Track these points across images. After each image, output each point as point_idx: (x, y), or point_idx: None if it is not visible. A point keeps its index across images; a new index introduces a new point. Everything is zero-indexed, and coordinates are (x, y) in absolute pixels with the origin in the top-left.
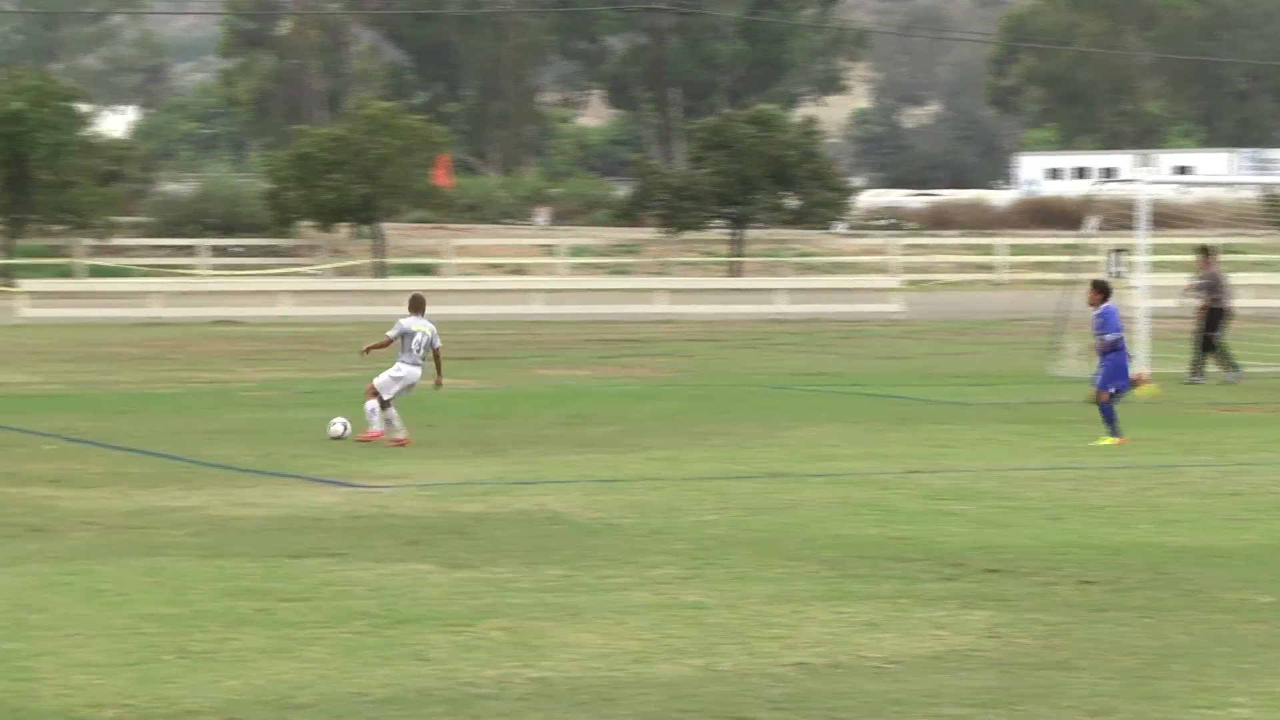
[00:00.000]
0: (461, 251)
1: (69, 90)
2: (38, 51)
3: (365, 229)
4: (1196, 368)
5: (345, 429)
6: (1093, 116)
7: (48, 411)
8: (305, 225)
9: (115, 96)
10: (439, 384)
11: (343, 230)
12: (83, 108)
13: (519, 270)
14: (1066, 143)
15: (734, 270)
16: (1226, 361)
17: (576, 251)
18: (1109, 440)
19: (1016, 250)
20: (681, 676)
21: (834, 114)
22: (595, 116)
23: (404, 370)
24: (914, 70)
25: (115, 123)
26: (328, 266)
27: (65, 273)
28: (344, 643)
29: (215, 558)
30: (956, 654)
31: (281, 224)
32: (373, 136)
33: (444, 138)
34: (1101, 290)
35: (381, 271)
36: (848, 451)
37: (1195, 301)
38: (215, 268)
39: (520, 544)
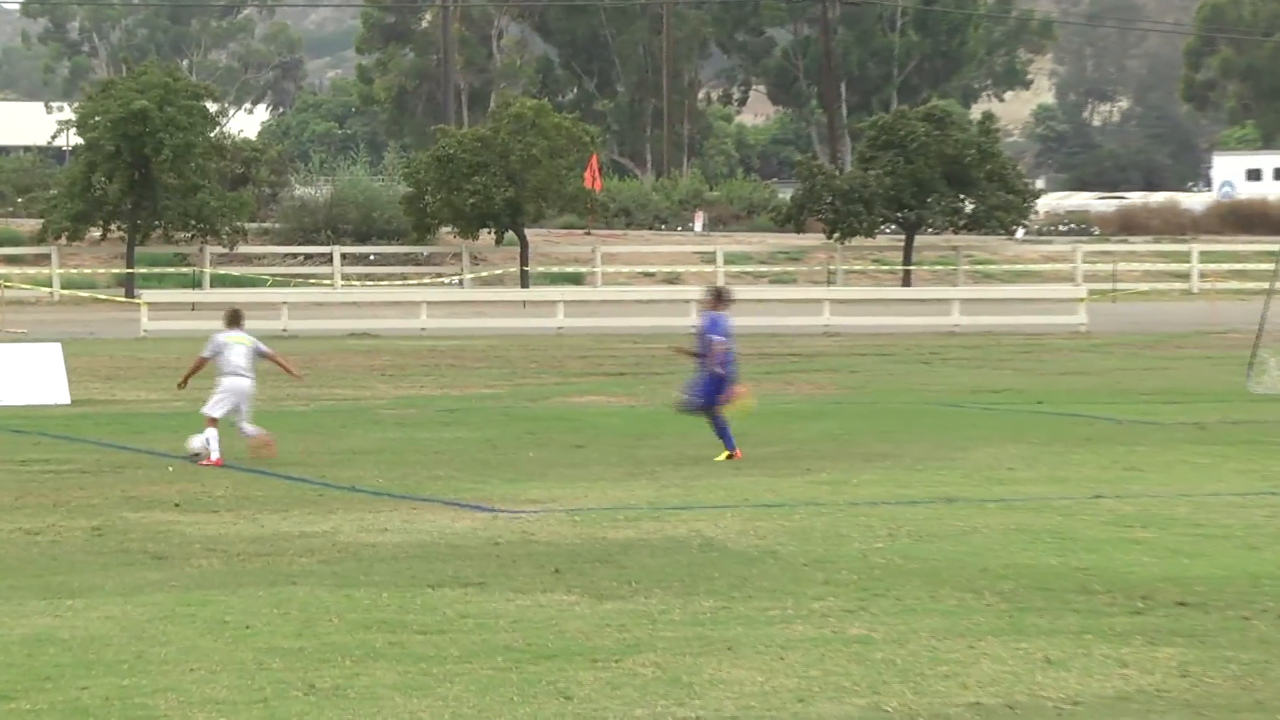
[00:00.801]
0: (611, 259)
1: (196, 88)
2: (164, 47)
3: (509, 235)
4: None
5: (208, 445)
6: None
7: (169, 431)
8: (446, 232)
9: (246, 95)
10: (297, 376)
11: (485, 237)
12: (211, 107)
13: (674, 279)
14: (1267, 141)
15: (904, 279)
16: None
17: (735, 259)
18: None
19: (1212, 258)
20: (845, 716)
21: (1015, 110)
22: (757, 114)
23: (225, 384)
24: (1102, 63)
25: (245, 123)
26: (469, 276)
27: (189, 283)
28: (483, 679)
29: (346, 587)
30: (1144, 694)
31: (420, 230)
32: (519, 136)
33: (595, 137)
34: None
35: (525, 281)
36: (1027, 474)
37: None
38: (349, 277)
39: (673, 573)
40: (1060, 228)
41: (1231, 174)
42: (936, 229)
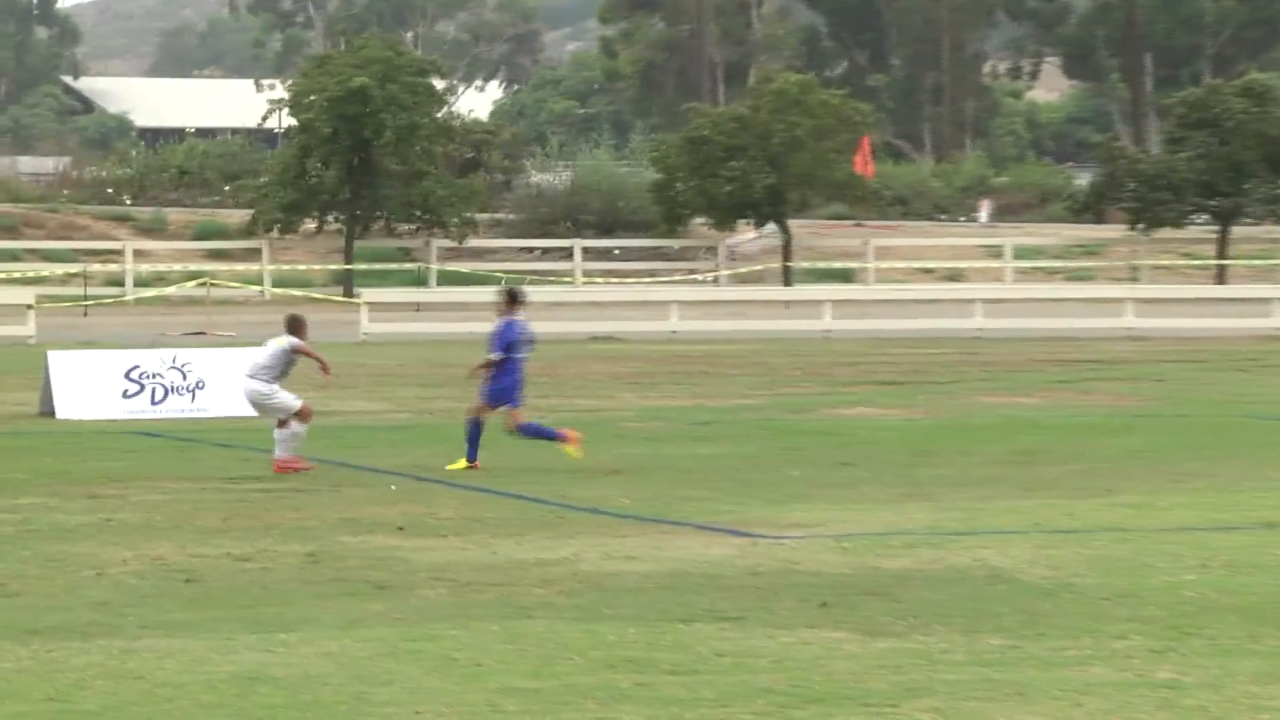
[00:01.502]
0: (885, 253)
1: (421, 63)
2: (386, 18)
3: (770, 227)
4: None
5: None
6: None
7: (392, 445)
8: (699, 223)
9: (477, 70)
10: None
11: (744, 229)
12: (438, 84)
13: (955, 276)
14: None
15: (1219, 275)
16: None
17: (1025, 253)
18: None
19: None
20: None
21: None
22: (1051, 89)
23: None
24: None
25: (476, 101)
26: (725, 272)
27: (414, 280)
28: None
29: (588, 621)
30: None
31: (671, 221)
32: (781, 116)
33: (867, 117)
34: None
35: (788, 278)
36: None
37: None
38: (591, 274)
39: (955, 607)
40: None
41: None
42: (1255, 218)
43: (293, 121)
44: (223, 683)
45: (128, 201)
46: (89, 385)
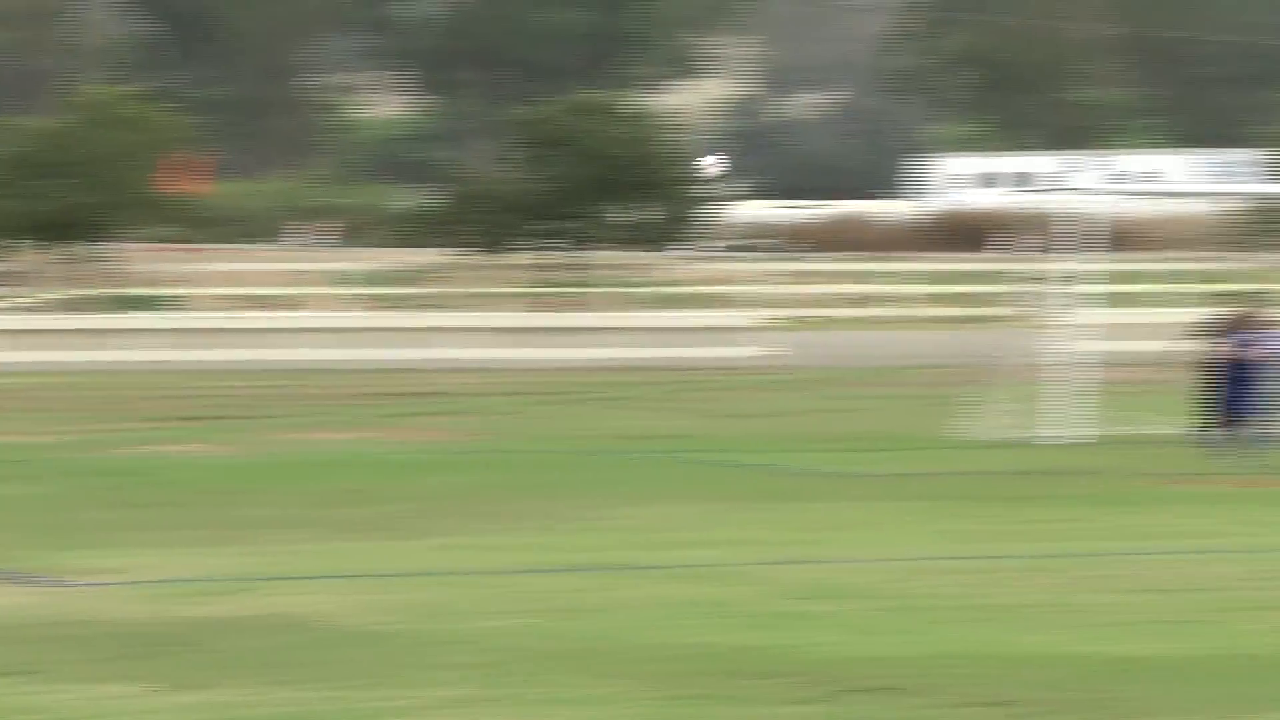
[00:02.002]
0: (211, 279)
1: None
2: None
3: (93, 249)
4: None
5: None
6: (1028, 109)
7: None
8: (28, 244)
9: None
10: None
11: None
12: None
13: (284, 303)
14: (991, 143)
15: (561, 303)
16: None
17: (351, 279)
18: None
19: (923, 278)
20: None
21: (694, 103)
22: (394, 104)
23: None
24: (801, 49)
25: None
26: (41, 297)
27: None
28: None
29: None
30: None
31: None
32: (95, 130)
33: (186, 132)
34: None
35: (109, 304)
36: (693, 536)
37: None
38: None
39: (265, 657)
40: (745, 242)
41: (949, 180)
42: (596, 244)
43: None
44: None
45: None
46: None
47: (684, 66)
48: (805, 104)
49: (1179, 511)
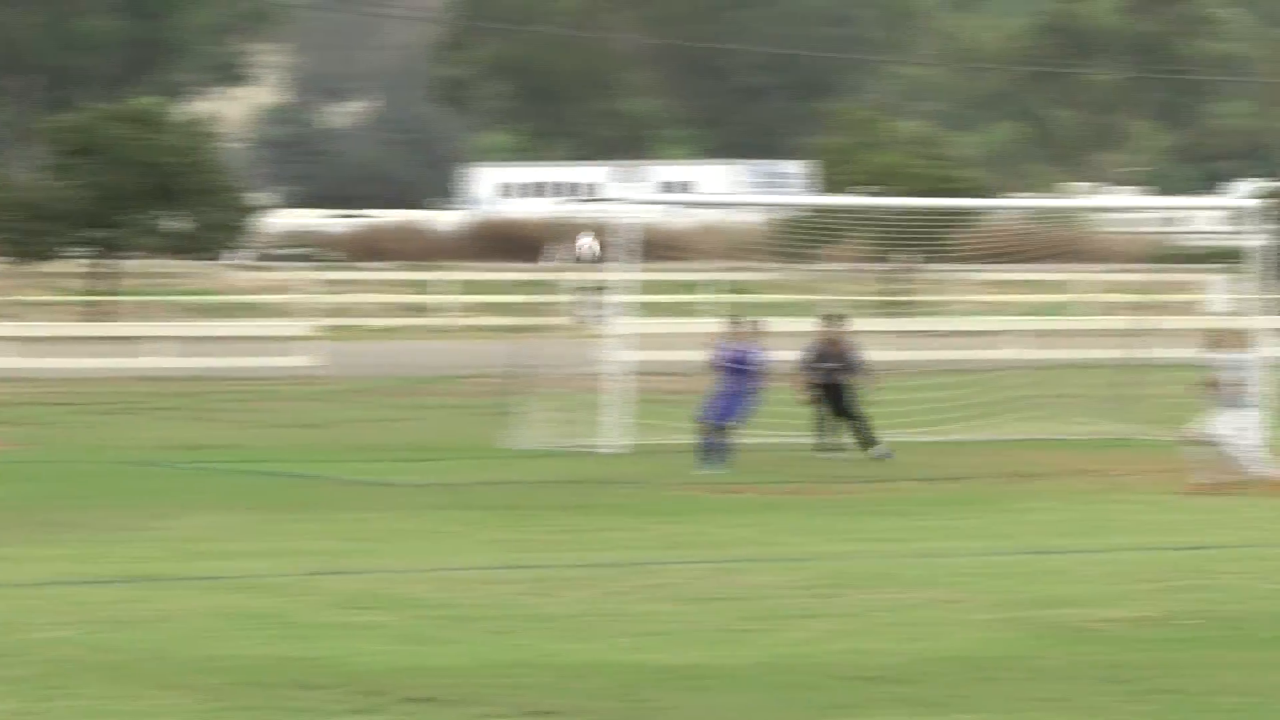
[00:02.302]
0: None
1: None
2: None
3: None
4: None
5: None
6: (566, 118)
7: None
8: None
9: None
10: None
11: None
12: None
13: None
14: (532, 151)
15: (104, 312)
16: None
17: None
18: None
19: (469, 287)
20: None
21: (237, 110)
22: None
23: None
24: (341, 57)
25: None
26: None
27: None
28: None
29: None
30: None
31: None
32: None
33: None
34: None
35: None
36: (241, 547)
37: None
38: None
39: None
40: (291, 251)
41: (491, 189)
42: (140, 252)
43: None
44: None
45: None
46: None
47: (225, 74)
48: (349, 112)
49: (720, 521)
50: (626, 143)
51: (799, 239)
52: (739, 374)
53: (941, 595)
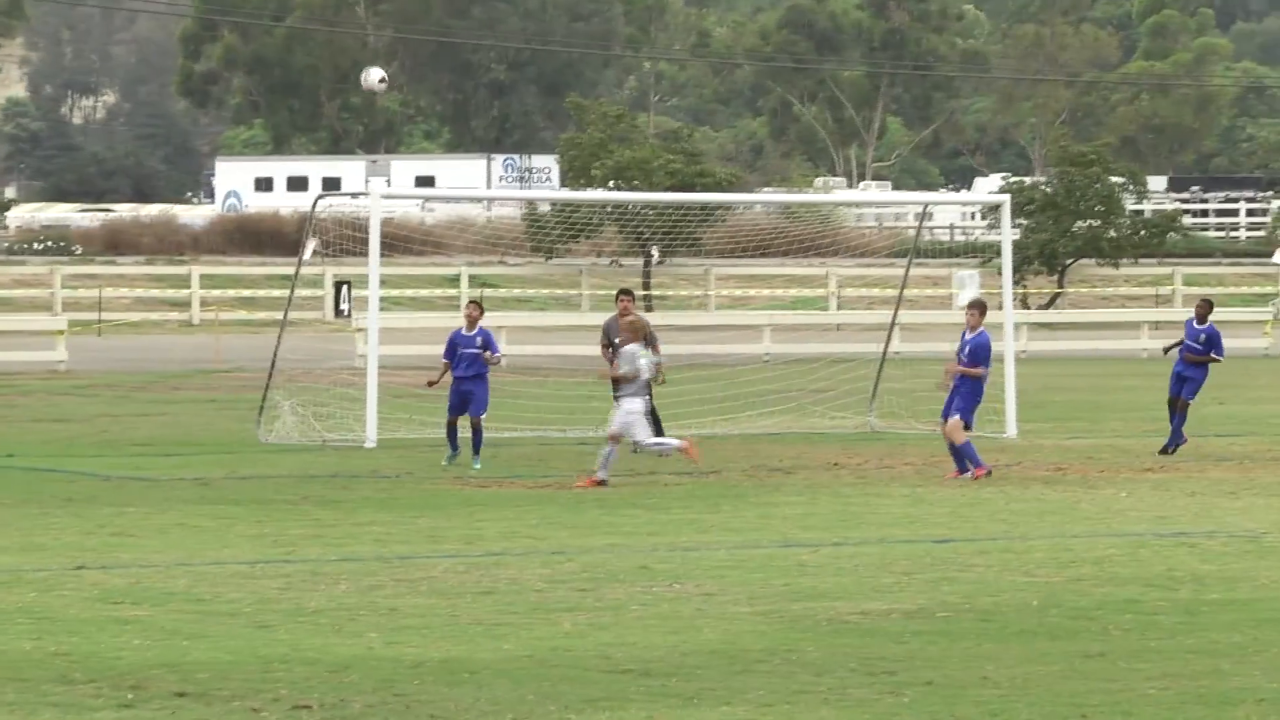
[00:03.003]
0: None
1: None
2: None
3: None
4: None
5: None
6: (312, 112)
7: None
8: None
9: None
10: None
11: None
12: None
13: None
14: (279, 145)
15: None
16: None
17: None
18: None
19: (217, 282)
20: None
21: None
22: None
23: None
24: (84, 51)
25: None
26: None
27: None
28: None
29: None
30: None
31: None
32: None
33: None
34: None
35: None
36: None
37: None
38: None
39: None
40: (35, 245)
41: (238, 183)
42: None
43: None
44: None
45: None
46: None
47: None
48: (92, 105)
49: (478, 515)
50: (374, 137)
51: (550, 234)
52: (475, 362)
53: (698, 589)
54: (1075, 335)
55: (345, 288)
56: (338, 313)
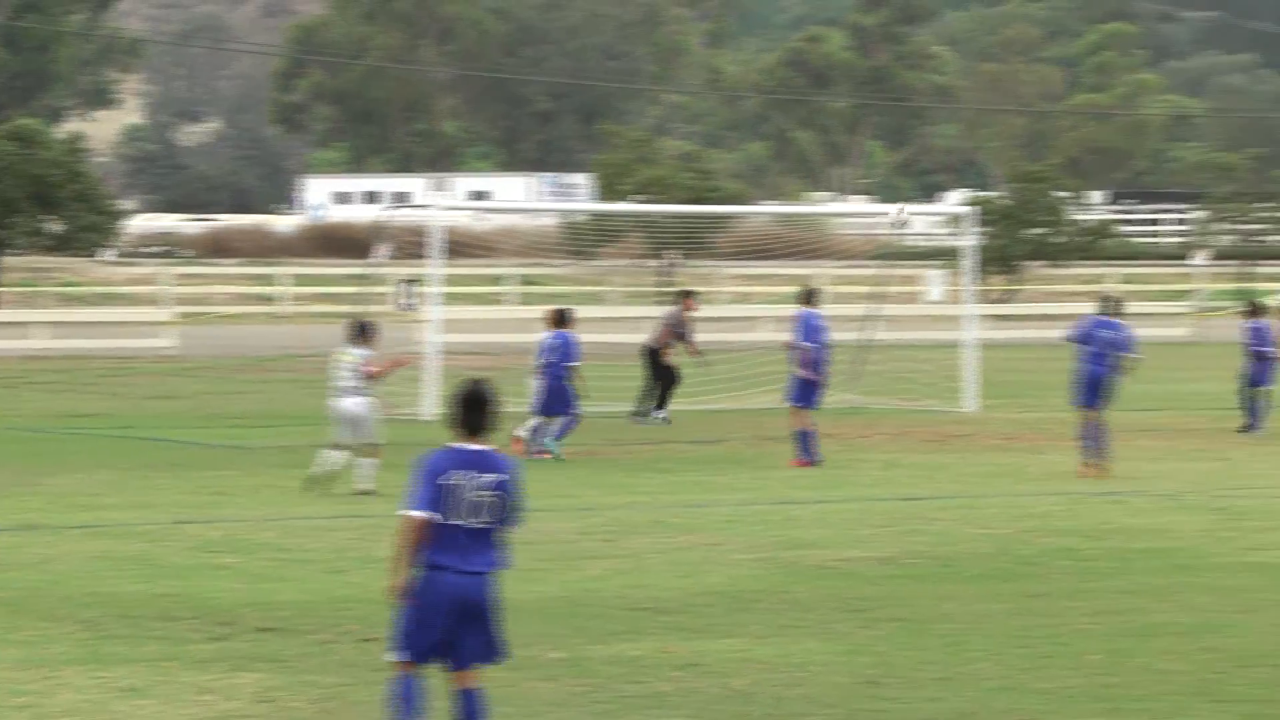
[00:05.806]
0: None
1: None
2: None
3: None
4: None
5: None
6: (385, 136)
7: None
8: None
9: None
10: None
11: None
12: None
13: None
14: (356, 164)
15: None
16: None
17: None
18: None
19: (301, 280)
20: None
21: (104, 130)
22: None
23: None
24: (192, 84)
25: None
26: None
27: None
28: None
29: None
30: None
31: None
32: None
33: None
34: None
35: None
36: (113, 500)
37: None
38: None
39: None
40: (150, 250)
41: (321, 197)
42: (21, 250)
43: None
44: None
45: None
46: None
47: (95, 99)
48: (200, 131)
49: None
50: (437, 158)
51: (584, 240)
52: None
53: (705, 539)
54: (1027, 325)
55: (409, 284)
56: (403, 306)
